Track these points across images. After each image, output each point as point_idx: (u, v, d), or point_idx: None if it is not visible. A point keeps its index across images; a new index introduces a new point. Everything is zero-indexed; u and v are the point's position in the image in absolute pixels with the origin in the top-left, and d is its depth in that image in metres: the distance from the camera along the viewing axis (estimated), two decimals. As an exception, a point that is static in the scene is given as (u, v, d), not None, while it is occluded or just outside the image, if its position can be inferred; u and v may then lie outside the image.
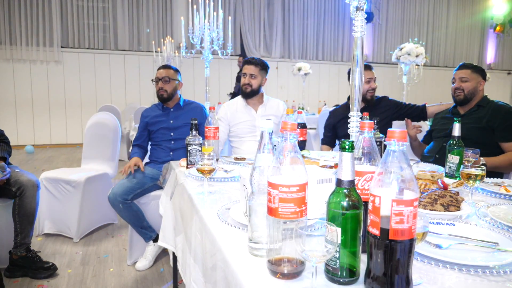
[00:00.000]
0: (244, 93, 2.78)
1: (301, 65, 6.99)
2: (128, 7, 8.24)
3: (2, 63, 7.56)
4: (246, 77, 2.77)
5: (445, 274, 0.85)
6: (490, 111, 2.28)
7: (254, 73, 2.75)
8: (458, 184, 1.54)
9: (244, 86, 2.77)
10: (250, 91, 2.77)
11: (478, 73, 2.37)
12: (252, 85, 2.75)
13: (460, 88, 2.37)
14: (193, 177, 1.71)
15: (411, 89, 5.87)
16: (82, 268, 2.56)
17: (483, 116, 2.28)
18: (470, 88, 2.34)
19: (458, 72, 2.41)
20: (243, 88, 2.78)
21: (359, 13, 1.46)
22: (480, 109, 2.33)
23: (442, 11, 10.90)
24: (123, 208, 2.46)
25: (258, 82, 2.78)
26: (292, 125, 0.84)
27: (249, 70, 2.75)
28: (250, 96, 2.80)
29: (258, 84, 2.78)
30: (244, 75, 2.78)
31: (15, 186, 2.31)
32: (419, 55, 4.81)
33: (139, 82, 8.43)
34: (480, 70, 2.39)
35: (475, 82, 2.35)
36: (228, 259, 0.93)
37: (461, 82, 2.37)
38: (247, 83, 2.76)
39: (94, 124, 3.31)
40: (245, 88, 2.77)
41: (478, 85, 2.36)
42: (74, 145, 7.92)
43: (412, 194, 0.71)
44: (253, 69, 2.75)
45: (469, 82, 2.35)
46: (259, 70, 2.75)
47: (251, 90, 2.76)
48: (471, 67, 2.40)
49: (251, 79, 2.75)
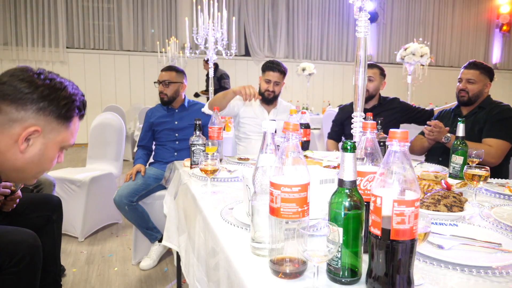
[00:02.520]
0: (266, 99, 2.76)
1: (306, 65, 6.98)
2: (133, 8, 8.27)
3: (8, 63, 7.61)
4: (270, 84, 2.73)
5: (447, 275, 0.85)
6: (487, 113, 2.23)
7: (279, 81, 2.73)
8: (461, 184, 1.53)
9: (267, 93, 2.74)
10: (272, 98, 2.77)
11: (486, 75, 2.29)
12: (275, 92, 2.75)
13: (465, 90, 2.29)
14: (197, 177, 1.72)
15: (415, 89, 5.85)
16: (87, 267, 2.58)
17: (481, 118, 2.24)
18: (475, 90, 2.27)
19: (466, 72, 2.32)
20: (265, 95, 2.75)
21: (362, 14, 1.46)
22: (480, 110, 2.28)
23: (447, 11, 10.85)
24: (129, 210, 2.47)
25: (280, 88, 2.79)
26: (294, 126, 0.84)
27: (274, 78, 2.72)
28: (271, 102, 2.80)
29: (280, 89, 2.79)
30: (268, 82, 2.73)
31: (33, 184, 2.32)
32: (423, 55, 4.79)
33: (144, 83, 8.46)
34: (488, 71, 2.30)
35: (481, 85, 2.28)
36: (230, 258, 0.94)
37: (467, 84, 2.29)
38: (272, 91, 2.73)
39: (99, 124, 3.33)
40: (268, 95, 2.74)
41: (484, 87, 2.29)
42: (79, 145, 7.95)
43: (413, 194, 0.71)
44: (277, 77, 2.72)
45: (475, 84, 2.27)
46: (282, 77, 2.75)
47: (274, 96, 2.77)
48: (480, 67, 2.30)
49: (275, 87, 2.74)
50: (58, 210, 2.06)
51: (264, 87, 2.75)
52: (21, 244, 1.48)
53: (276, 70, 2.71)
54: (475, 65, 2.31)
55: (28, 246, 1.49)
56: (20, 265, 1.44)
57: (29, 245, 1.49)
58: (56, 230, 2.05)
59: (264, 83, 2.75)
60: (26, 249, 1.47)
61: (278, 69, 2.71)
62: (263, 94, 2.74)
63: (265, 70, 2.76)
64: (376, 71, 2.72)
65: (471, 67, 2.31)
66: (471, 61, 2.36)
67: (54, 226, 2.02)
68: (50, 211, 2.00)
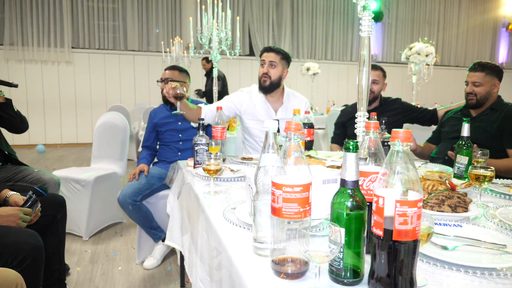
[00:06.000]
0: (263, 86, 2.42)
1: (310, 65, 6.97)
2: (138, 8, 8.30)
3: (14, 63, 7.67)
4: (264, 66, 2.39)
5: (451, 276, 0.84)
6: (502, 115, 2.17)
7: (275, 61, 2.37)
8: (466, 185, 1.52)
9: (262, 78, 2.41)
10: (269, 84, 2.40)
11: (493, 75, 2.22)
12: (271, 76, 2.38)
13: (472, 93, 2.23)
14: (200, 177, 1.72)
15: (421, 89, 5.82)
16: (91, 266, 2.59)
17: (495, 120, 2.18)
18: (483, 93, 2.21)
19: (471, 74, 2.25)
20: (261, 81, 2.42)
21: (366, 13, 1.45)
22: (493, 112, 2.21)
23: (453, 10, 10.78)
24: (133, 210, 2.48)
25: (279, 73, 2.40)
26: (296, 125, 0.84)
27: (268, 57, 2.37)
28: (269, 91, 2.43)
29: (279, 75, 2.40)
30: (262, 64, 2.40)
31: (38, 183, 2.35)
32: (429, 55, 4.76)
33: (148, 82, 8.49)
34: (495, 71, 2.23)
35: (489, 86, 2.21)
36: (232, 258, 0.94)
37: (473, 87, 2.22)
38: (265, 73, 2.38)
39: (104, 124, 3.34)
40: (263, 81, 2.40)
41: (493, 88, 2.22)
42: (84, 145, 8.01)
43: (416, 195, 0.71)
44: (273, 56, 2.36)
45: (482, 86, 2.20)
46: (280, 59, 2.39)
47: (270, 82, 2.40)
48: (486, 68, 2.21)
49: (270, 68, 2.37)
50: (62, 209, 2.08)
51: (259, 71, 2.44)
52: (23, 244, 1.49)
53: (271, 50, 2.39)
54: (480, 66, 2.24)
55: (31, 246, 1.50)
56: (23, 265, 1.46)
57: (31, 245, 1.51)
58: (61, 229, 2.06)
59: (259, 68, 2.45)
60: (29, 250, 1.49)
61: (273, 49, 2.39)
62: (260, 81, 2.45)
63: (261, 54, 2.46)
64: (380, 73, 2.70)
65: (476, 69, 2.24)
66: (475, 63, 2.28)
67: (58, 225, 2.04)
68: (55, 210, 2.01)
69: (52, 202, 2.00)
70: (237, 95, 2.55)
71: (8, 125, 2.40)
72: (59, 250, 2.06)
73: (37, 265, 1.51)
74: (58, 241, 2.04)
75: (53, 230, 2.00)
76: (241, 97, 2.53)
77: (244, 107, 2.51)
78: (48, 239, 1.81)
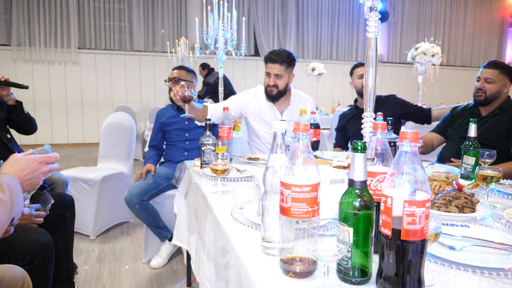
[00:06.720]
0: (270, 96, 2.44)
1: (315, 65, 6.96)
2: (144, 9, 8.34)
3: (21, 64, 7.75)
4: (270, 78, 2.39)
5: (459, 276, 0.84)
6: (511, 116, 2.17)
7: (280, 73, 2.38)
8: (473, 185, 1.52)
9: (269, 89, 2.42)
10: (276, 93, 2.42)
11: (506, 75, 2.22)
12: (278, 86, 2.39)
13: (482, 89, 2.23)
14: (207, 177, 1.73)
15: (427, 89, 5.80)
16: (98, 265, 2.62)
17: (504, 121, 2.17)
18: (493, 90, 2.21)
19: (485, 70, 2.26)
20: (268, 91, 2.44)
21: (373, 13, 1.45)
22: (502, 112, 2.21)
23: (459, 9, 10.71)
24: (140, 209, 2.50)
25: (285, 82, 2.41)
26: (304, 126, 0.84)
27: (274, 70, 2.37)
28: (276, 99, 2.46)
29: (285, 83, 2.42)
30: (268, 75, 2.40)
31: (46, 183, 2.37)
32: (435, 55, 4.74)
33: (154, 83, 8.53)
34: (509, 71, 2.23)
35: (500, 85, 2.21)
36: (241, 257, 0.95)
37: (485, 83, 2.22)
38: (273, 85, 2.39)
39: (110, 124, 3.37)
40: (271, 91, 2.41)
41: (503, 88, 2.22)
42: (90, 145, 8.06)
43: (424, 195, 0.71)
44: (277, 68, 2.35)
45: (494, 84, 2.21)
46: (285, 69, 2.38)
47: (278, 92, 2.41)
48: (501, 67, 2.23)
49: (276, 80, 2.39)
50: (71, 209, 2.10)
51: (265, 82, 2.45)
52: (34, 243, 1.50)
53: (275, 61, 2.35)
54: (494, 64, 2.26)
55: (41, 245, 1.52)
56: (33, 263, 1.47)
57: (42, 244, 1.52)
58: (70, 228, 2.08)
59: (265, 78, 2.45)
60: (39, 248, 1.50)
61: (277, 60, 2.35)
62: (267, 90, 2.46)
63: (265, 62, 2.45)
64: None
65: (490, 66, 2.26)
66: (491, 60, 2.30)
67: (67, 224, 2.06)
68: (64, 210, 2.03)
69: (61, 202, 2.02)
70: (243, 96, 2.57)
71: (18, 127, 2.43)
72: (68, 249, 2.08)
73: (47, 264, 1.53)
74: (67, 240, 2.07)
75: (62, 229, 2.02)
76: (247, 99, 2.54)
77: (250, 109, 2.53)
78: (57, 238, 1.83)
